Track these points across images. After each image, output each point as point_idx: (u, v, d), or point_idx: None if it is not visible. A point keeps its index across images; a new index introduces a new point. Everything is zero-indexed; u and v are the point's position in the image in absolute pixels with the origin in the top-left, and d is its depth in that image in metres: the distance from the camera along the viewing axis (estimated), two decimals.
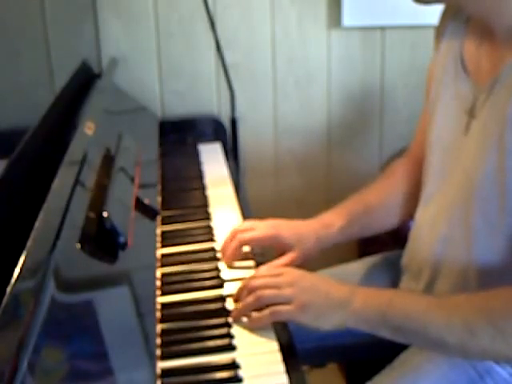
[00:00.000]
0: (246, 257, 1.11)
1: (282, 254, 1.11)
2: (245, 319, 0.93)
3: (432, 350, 0.93)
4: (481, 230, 0.93)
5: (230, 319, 0.93)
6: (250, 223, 1.14)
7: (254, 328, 0.91)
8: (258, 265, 1.08)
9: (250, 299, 0.92)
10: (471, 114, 0.94)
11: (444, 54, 1.04)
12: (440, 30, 1.07)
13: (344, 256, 1.59)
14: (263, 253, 1.11)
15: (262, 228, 1.12)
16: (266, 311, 0.91)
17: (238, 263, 1.09)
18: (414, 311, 0.87)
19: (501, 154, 0.88)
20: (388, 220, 1.19)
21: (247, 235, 1.10)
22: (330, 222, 1.14)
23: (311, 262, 1.12)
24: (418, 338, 0.89)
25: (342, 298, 0.90)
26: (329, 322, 0.90)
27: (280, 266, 1.07)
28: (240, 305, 0.94)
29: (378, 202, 1.18)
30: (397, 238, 1.14)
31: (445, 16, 1.07)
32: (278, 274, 0.96)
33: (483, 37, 0.96)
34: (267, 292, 0.92)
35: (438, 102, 1.03)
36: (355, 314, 0.89)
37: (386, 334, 0.89)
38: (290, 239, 1.11)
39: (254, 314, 0.92)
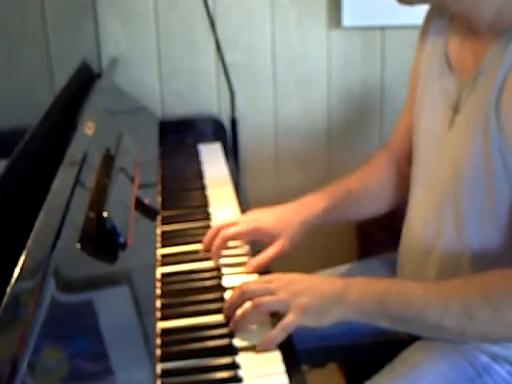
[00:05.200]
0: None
1: (269, 244, 1.10)
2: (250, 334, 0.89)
3: (431, 336, 0.93)
4: (471, 218, 0.94)
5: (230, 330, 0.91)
6: (232, 219, 1.14)
7: (266, 349, 0.86)
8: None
9: (248, 309, 0.89)
10: (456, 109, 0.97)
11: (429, 53, 1.06)
12: (425, 30, 1.09)
13: (344, 257, 1.59)
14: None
15: (244, 222, 1.11)
16: (275, 330, 0.87)
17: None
18: (411, 298, 0.87)
19: (486, 138, 0.89)
20: (370, 206, 1.21)
21: (231, 231, 1.09)
22: (313, 204, 1.14)
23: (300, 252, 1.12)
24: (417, 325, 0.89)
25: (338, 292, 0.90)
26: (329, 319, 0.89)
27: (269, 258, 1.07)
28: (239, 316, 0.90)
29: (359, 189, 1.19)
30: (397, 238, 1.15)
31: (429, 16, 1.10)
32: (268, 280, 0.93)
33: (466, 33, 0.98)
34: (266, 299, 0.89)
35: (425, 100, 1.05)
36: (353, 306, 0.89)
37: (385, 323, 0.89)
38: (274, 229, 1.10)
39: (265, 337, 0.87)
